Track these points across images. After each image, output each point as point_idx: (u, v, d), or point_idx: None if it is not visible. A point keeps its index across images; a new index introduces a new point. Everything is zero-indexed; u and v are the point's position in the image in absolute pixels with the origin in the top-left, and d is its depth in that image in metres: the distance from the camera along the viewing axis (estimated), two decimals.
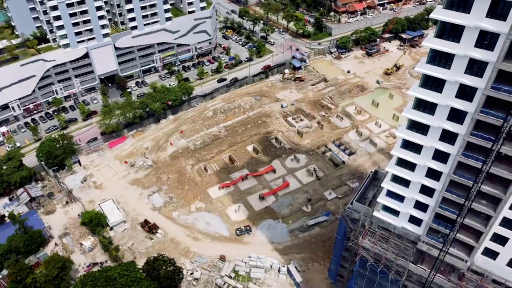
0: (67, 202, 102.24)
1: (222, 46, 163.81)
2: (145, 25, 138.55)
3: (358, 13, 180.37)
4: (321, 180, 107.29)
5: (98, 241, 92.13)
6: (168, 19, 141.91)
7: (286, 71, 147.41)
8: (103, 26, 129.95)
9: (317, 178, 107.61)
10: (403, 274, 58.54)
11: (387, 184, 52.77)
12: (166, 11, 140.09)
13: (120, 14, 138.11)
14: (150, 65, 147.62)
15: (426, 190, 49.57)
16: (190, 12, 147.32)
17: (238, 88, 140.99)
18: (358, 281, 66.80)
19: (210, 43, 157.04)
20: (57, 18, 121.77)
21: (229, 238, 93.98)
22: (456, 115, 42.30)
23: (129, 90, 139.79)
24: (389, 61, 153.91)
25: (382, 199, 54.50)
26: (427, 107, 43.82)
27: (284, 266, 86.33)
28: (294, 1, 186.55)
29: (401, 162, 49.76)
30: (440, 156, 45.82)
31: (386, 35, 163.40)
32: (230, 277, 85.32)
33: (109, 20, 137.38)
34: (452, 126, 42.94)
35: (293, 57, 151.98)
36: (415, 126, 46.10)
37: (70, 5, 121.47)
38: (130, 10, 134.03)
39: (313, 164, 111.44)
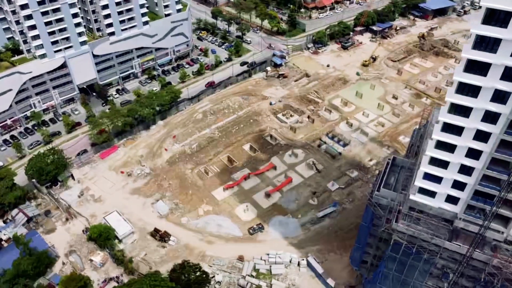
0: (67, 219, 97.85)
1: (199, 48, 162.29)
2: (122, 30, 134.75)
3: (327, 8, 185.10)
4: (322, 173, 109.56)
5: (110, 255, 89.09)
6: (145, 23, 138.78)
7: (268, 68, 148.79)
8: (80, 34, 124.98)
9: (318, 171, 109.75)
10: (437, 253, 61.44)
11: (425, 167, 55.24)
12: (143, 15, 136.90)
13: (96, 21, 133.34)
14: (129, 71, 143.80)
15: (465, 170, 52.47)
16: (166, 15, 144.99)
17: (224, 88, 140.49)
18: (388, 264, 69.18)
19: (187, 45, 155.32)
20: (32, 27, 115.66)
21: (243, 238, 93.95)
22: (499, 96, 45.22)
23: (110, 98, 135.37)
24: (364, 53, 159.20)
25: (419, 182, 56.96)
26: (471, 90, 46.49)
27: (303, 260, 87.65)
28: (264, 0, 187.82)
29: (441, 145, 52.32)
30: (481, 136, 48.73)
31: (359, 28, 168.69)
32: (252, 276, 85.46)
33: (84, 27, 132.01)
34: (495, 107, 45.86)
35: (273, 55, 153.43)
36: (457, 109, 48.70)
37: (45, 13, 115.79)
38: (107, 16, 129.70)
39: (311, 158, 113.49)
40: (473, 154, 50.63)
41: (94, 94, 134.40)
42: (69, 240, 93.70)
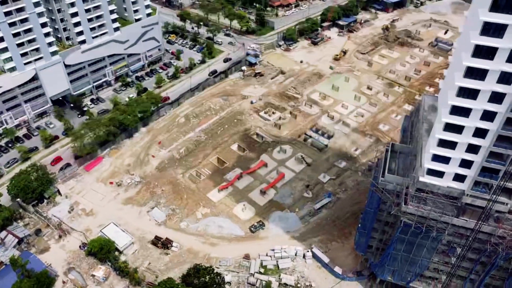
0: (60, 236, 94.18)
1: (171, 51, 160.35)
2: (93, 38, 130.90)
3: (292, 5, 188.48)
4: (312, 166, 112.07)
5: (112, 268, 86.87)
6: (116, 29, 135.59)
7: (244, 68, 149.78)
8: (50, 44, 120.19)
9: (308, 164, 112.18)
10: (445, 230, 65.05)
11: (433, 149, 58.55)
12: (113, 21, 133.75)
13: (65, 29, 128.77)
14: (102, 79, 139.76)
15: (473, 148, 56.22)
16: (137, 20, 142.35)
17: (202, 91, 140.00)
18: (397, 246, 72.34)
19: (159, 49, 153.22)
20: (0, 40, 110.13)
21: (245, 237, 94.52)
22: (505, 78, 48.99)
23: (85, 108, 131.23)
24: (334, 48, 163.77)
25: (428, 164, 60.26)
26: (478, 74, 50.01)
27: (308, 251, 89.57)
28: (229, 0, 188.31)
29: (449, 127, 55.72)
30: (488, 116, 52.50)
31: (326, 24, 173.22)
32: (260, 273, 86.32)
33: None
34: (502, 88, 49.65)
35: (247, 54, 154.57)
36: (465, 92, 52.18)
37: (12, 24, 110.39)
38: (77, 24, 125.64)
39: (300, 152, 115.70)
40: (480, 133, 54.37)
41: (72, 105, 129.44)
42: (66, 257, 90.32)
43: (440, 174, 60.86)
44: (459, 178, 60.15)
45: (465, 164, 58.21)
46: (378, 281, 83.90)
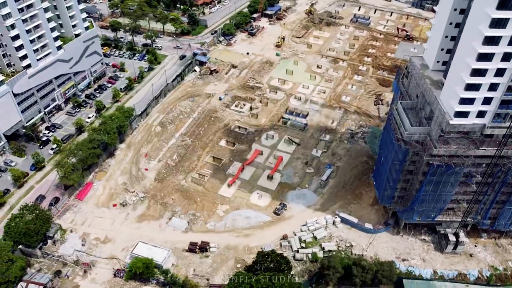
0: (85, 271, 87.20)
1: (111, 64, 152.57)
2: (38, 60, 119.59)
3: (215, 2, 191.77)
4: (301, 145, 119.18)
5: (160, 285, 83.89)
6: (59, 47, 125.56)
7: (197, 68, 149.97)
8: None
9: (297, 144, 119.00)
10: (468, 162, 77.22)
11: (462, 94, 69.63)
12: (55, 39, 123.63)
13: (4, 55, 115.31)
14: (51, 104, 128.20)
15: (493, 87, 68.56)
16: (77, 35, 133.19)
17: (165, 97, 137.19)
18: (426, 188, 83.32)
19: (102, 63, 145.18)
20: None
21: (273, 221, 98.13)
22: None
23: (44, 138, 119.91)
24: (271, 36, 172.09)
25: (457, 107, 71.32)
26: (501, 23, 61.64)
27: (336, 217, 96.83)
28: (151, 4, 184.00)
29: (475, 72, 67.07)
30: (507, 57, 64.84)
31: (255, 15, 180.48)
32: (302, 247, 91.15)
33: None
34: None
35: (195, 54, 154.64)
36: (490, 40, 63.59)
37: None
38: (20, 47, 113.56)
39: (285, 135, 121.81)
40: (500, 73, 66.74)
41: (35, 135, 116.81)
42: None
43: (466, 114, 72.45)
44: (481, 114, 72.40)
45: (487, 101, 70.51)
46: (402, 226, 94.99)
